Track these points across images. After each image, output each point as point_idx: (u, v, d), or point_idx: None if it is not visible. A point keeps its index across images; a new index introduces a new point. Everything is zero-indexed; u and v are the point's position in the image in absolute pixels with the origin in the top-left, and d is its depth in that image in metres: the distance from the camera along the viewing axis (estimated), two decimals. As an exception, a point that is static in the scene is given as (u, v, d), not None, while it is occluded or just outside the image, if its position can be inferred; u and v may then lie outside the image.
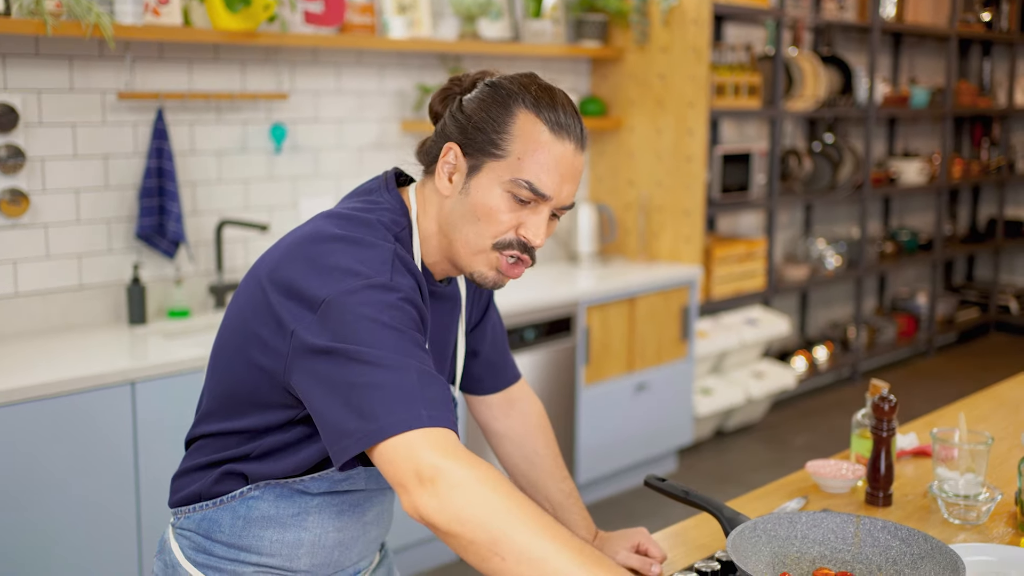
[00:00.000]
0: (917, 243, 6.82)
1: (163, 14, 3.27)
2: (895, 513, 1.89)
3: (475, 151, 1.44)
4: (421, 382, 1.29)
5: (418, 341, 1.34)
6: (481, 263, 1.47)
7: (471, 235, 1.45)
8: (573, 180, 1.46)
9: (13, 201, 3.10)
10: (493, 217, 1.43)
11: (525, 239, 1.45)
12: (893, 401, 1.88)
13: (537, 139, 1.42)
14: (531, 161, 1.41)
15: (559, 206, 1.46)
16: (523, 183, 1.42)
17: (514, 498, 1.22)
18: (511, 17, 4.49)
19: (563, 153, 1.43)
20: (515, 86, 1.46)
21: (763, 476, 4.62)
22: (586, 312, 4.13)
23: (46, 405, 2.68)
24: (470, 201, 1.44)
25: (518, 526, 1.20)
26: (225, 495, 1.52)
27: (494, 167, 1.43)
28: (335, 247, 1.38)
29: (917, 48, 6.96)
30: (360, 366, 1.28)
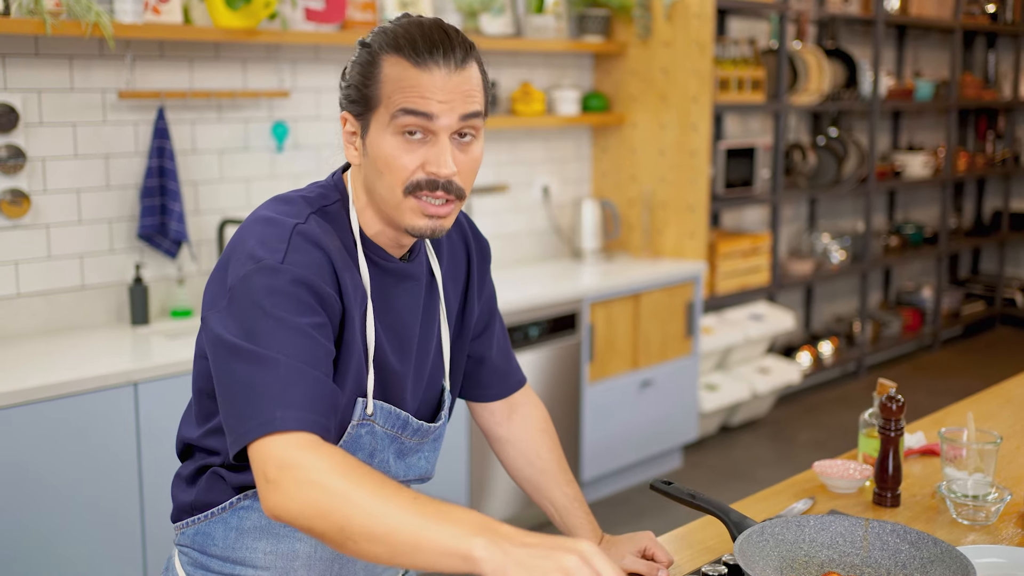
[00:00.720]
0: (922, 237, 6.79)
1: (163, 12, 3.26)
2: (903, 514, 1.87)
3: (360, 111, 1.42)
4: (285, 380, 1.28)
5: (300, 327, 1.31)
6: (406, 215, 1.42)
7: (384, 191, 1.42)
8: (460, 97, 1.39)
9: (14, 202, 3.09)
10: (393, 164, 1.39)
11: (432, 173, 1.39)
12: (901, 401, 1.87)
13: (402, 77, 1.37)
14: (402, 95, 1.37)
15: (456, 119, 1.39)
16: (399, 113, 1.37)
17: (352, 479, 1.20)
18: (513, 13, 4.47)
19: (434, 78, 1.37)
20: (377, 35, 1.42)
21: (769, 472, 4.61)
22: (590, 309, 4.12)
23: (49, 407, 2.67)
24: (370, 159, 1.42)
25: (356, 506, 1.18)
26: (215, 506, 1.50)
27: (377, 117, 1.40)
28: (250, 229, 1.40)
29: (921, 41, 6.93)
30: (238, 362, 1.30)
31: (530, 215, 4.69)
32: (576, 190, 4.91)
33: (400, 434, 1.52)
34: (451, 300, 1.64)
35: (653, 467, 4.60)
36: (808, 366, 5.69)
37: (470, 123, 1.41)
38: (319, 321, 1.34)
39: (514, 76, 4.51)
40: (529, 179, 4.67)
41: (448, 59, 1.38)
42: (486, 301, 1.72)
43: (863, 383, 6.09)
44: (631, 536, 1.68)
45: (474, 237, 1.69)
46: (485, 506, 3.82)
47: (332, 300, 1.38)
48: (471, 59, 1.41)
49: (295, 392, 1.28)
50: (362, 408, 1.45)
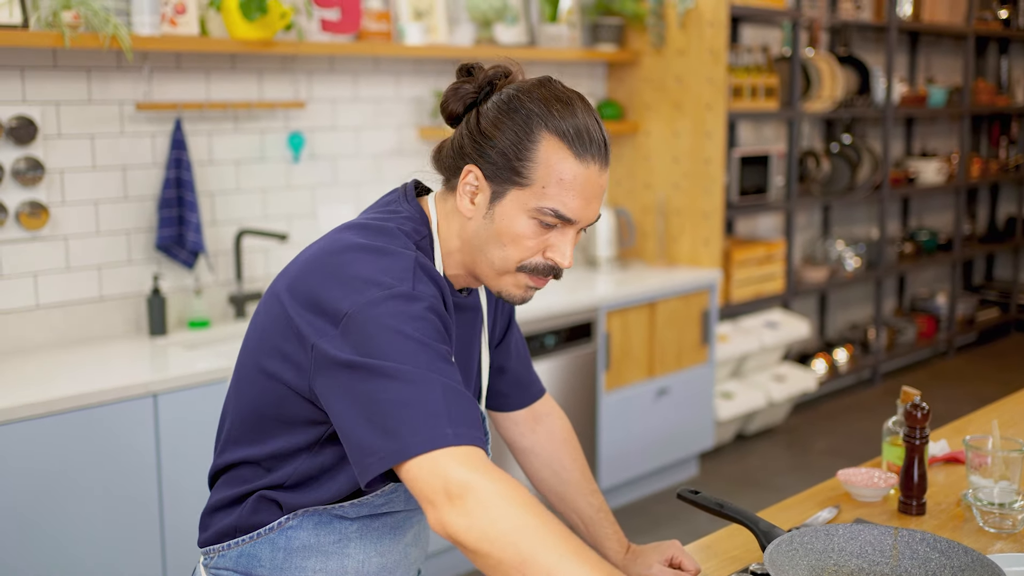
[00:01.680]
0: (936, 243, 6.77)
1: (180, 24, 3.27)
2: (928, 522, 1.86)
3: (497, 177, 1.41)
4: (447, 398, 1.26)
5: (443, 353, 1.31)
6: (507, 285, 1.45)
7: (496, 259, 1.43)
8: (598, 198, 1.43)
9: (33, 213, 3.10)
10: (519, 243, 1.41)
11: (554, 262, 1.43)
12: (926, 408, 1.86)
13: (561, 166, 1.38)
14: (556, 189, 1.38)
15: (584, 225, 1.44)
16: (548, 211, 1.39)
17: (543, 518, 1.21)
18: (527, 22, 4.48)
19: (588, 176, 1.39)
20: (535, 105, 1.40)
21: (785, 480, 4.60)
22: (606, 317, 4.11)
23: (68, 418, 2.67)
24: (495, 228, 1.42)
25: (547, 547, 1.18)
26: (263, 527, 1.49)
27: (518, 195, 1.40)
28: (355, 257, 1.36)
29: (934, 47, 6.92)
30: (383, 380, 1.26)
31: (545, 224, 4.69)
32: (590, 198, 4.90)
33: None
34: (491, 324, 1.65)
35: (669, 475, 4.59)
36: (823, 373, 5.68)
37: (592, 223, 1.46)
38: (449, 350, 1.34)
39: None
40: (543, 188, 4.66)
41: (601, 159, 1.41)
42: (506, 310, 1.72)
43: (878, 390, 6.07)
44: (658, 545, 1.68)
45: None
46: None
47: (449, 334, 1.39)
48: (609, 159, 1.44)
49: (459, 410, 1.27)
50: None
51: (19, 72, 3.07)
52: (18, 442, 2.59)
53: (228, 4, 3.32)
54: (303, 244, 3.65)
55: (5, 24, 2.91)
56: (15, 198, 3.07)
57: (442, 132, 4.29)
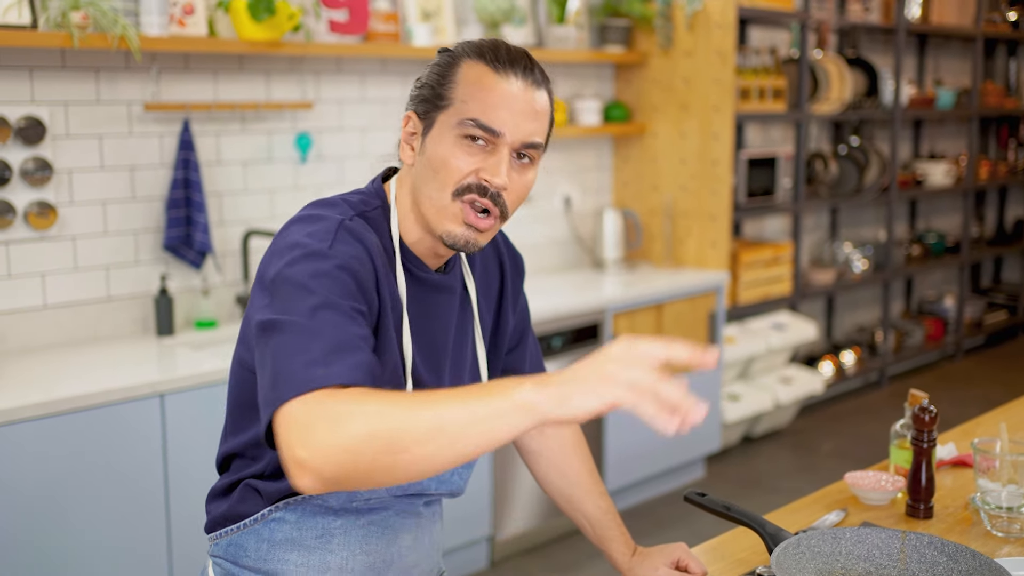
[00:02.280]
0: (944, 245, 6.76)
1: (188, 25, 3.28)
2: (936, 526, 1.86)
3: (427, 109, 1.44)
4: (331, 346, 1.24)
5: (343, 309, 1.29)
6: (447, 219, 1.42)
7: (433, 191, 1.42)
8: (531, 116, 1.41)
9: (41, 214, 3.10)
10: (449, 164, 1.40)
11: (485, 180, 1.40)
12: (934, 412, 1.85)
13: (480, 80, 1.40)
14: (476, 101, 1.39)
15: (519, 142, 1.41)
16: (469, 122, 1.39)
17: (381, 398, 1.16)
18: (535, 23, 4.47)
19: (510, 89, 1.40)
20: (461, 43, 1.47)
21: (791, 482, 4.59)
22: (613, 319, 4.11)
23: (75, 418, 2.68)
24: (427, 157, 1.43)
25: (397, 417, 1.13)
26: (248, 517, 1.51)
27: (444, 118, 1.42)
28: (291, 228, 1.40)
29: (942, 49, 6.91)
30: (278, 335, 1.26)
31: (551, 225, 4.69)
32: (597, 200, 4.90)
33: None
34: (484, 315, 1.64)
35: (676, 478, 4.59)
36: (830, 376, 5.66)
37: (529, 151, 1.43)
38: (362, 308, 1.33)
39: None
40: (550, 189, 4.67)
41: (527, 75, 1.42)
42: (520, 315, 1.72)
43: (886, 393, 6.05)
44: (664, 547, 1.68)
45: (508, 252, 1.70)
46: (507, 518, 3.81)
47: (372, 296, 1.37)
48: (545, 87, 1.44)
49: (342, 357, 1.24)
50: None
51: (28, 72, 3.07)
52: (26, 442, 2.60)
53: (236, 5, 3.33)
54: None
55: (14, 24, 2.92)
56: (23, 198, 3.08)
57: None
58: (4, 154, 3.03)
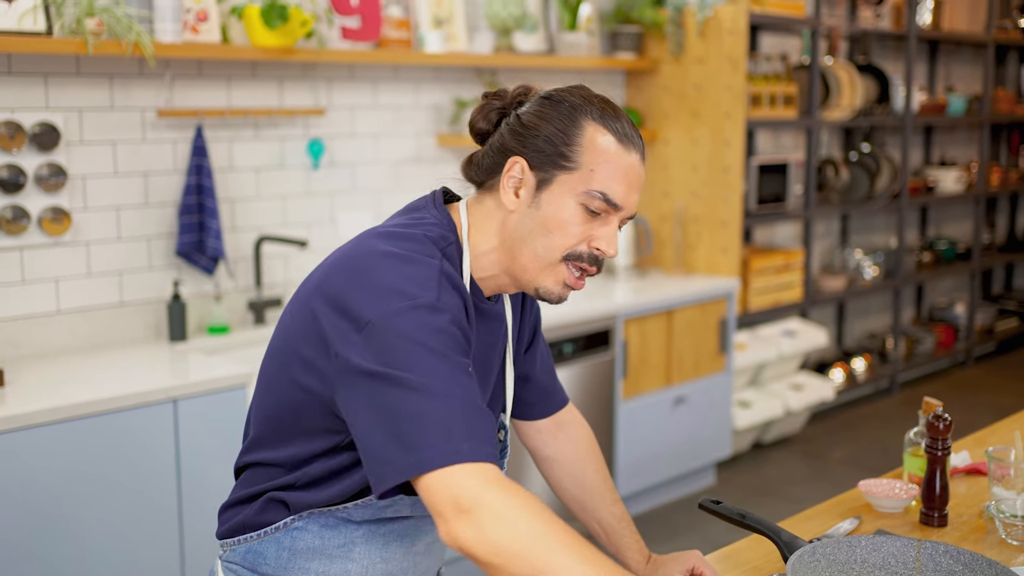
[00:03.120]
0: (955, 252, 6.74)
1: (202, 31, 3.29)
2: (950, 534, 1.86)
3: (544, 164, 1.43)
4: (465, 413, 1.27)
5: (464, 367, 1.31)
6: (548, 277, 1.45)
7: (541, 248, 1.43)
8: (638, 189, 1.46)
9: (55, 219, 3.12)
10: (565, 230, 1.42)
11: (599, 251, 1.44)
12: (948, 420, 1.85)
13: (607, 150, 1.42)
14: (603, 172, 1.41)
15: (627, 216, 1.46)
16: (597, 194, 1.41)
17: (554, 526, 1.21)
18: (546, 30, 4.48)
19: (631, 163, 1.43)
20: (576, 98, 1.45)
21: (802, 489, 4.58)
22: (624, 326, 4.11)
23: (88, 423, 2.69)
24: (541, 215, 1.43)
25: (560, 557, 1.18)
26: (269, 526, 1.50)
27: (566, 180, 1.42)
28: (380, 263, 1.36)
29: (953, 56, 6.90)
30: (404, 392, 1.26)
31: (562, 231, 4.69)
32: (608, 206, 4.90)
33: None
34: (525, 332, 1.65)
35: (686, 484, 4.58)
36: (841, 383, 5.66)
37: (630, 219, 1.49)
38: (468, 363, 1.34)
39: (547, 93, 4.51)
40: (561, 195, 4.67)
41: (640, 148, 1.46)
42: (532, 319, 1.72)
43: (896, 400, 6.04)
44: (678, 555, 1.68)
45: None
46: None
47: (470, 345, 1.38)
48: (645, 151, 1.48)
49: (476, 426, 1.27)
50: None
51: (43, 79, 3.09)
52: (39, 447, 2.61)
53: (250, 12, 3.34)
54: (322, 251, 3.66)
55: (29, 31, 2.94)
56: (38, 204, 3.10)
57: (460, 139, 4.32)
58: (19, 160, 3.05)
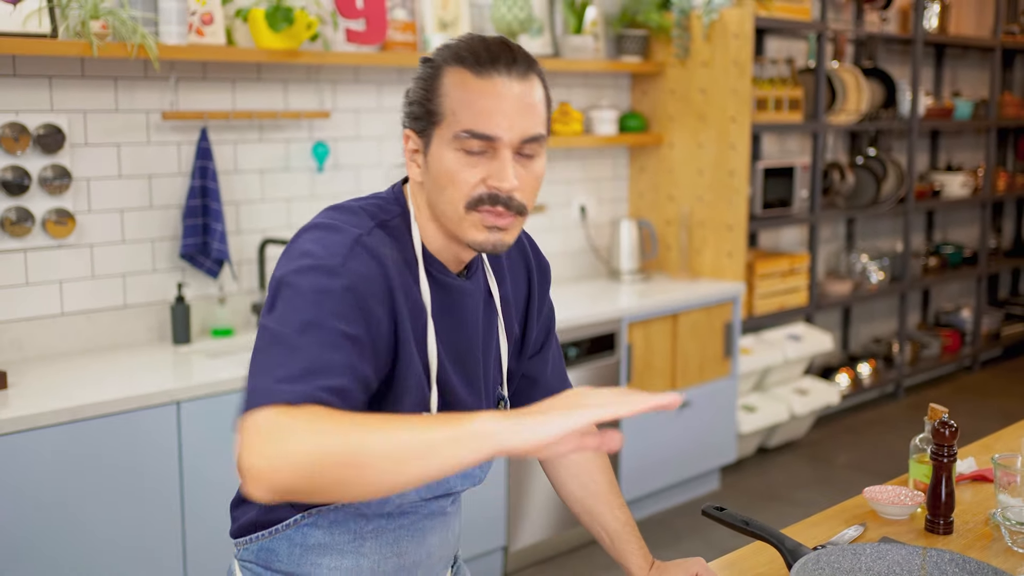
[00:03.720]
0: (961, 257, 6.72)
1: (207, 34, 3.29)
2: (956, 541, 1.84)
3: (421, 127, 1.42)
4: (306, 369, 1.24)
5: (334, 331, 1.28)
6: (468, 229, 1.41)
7: (445, 206, 1.41)
8: (524, 111, 1.38)
9: (59, 221, 3.12)
10: (455, 180, 1.39)
11: (494, 188, 1.38)
12: (954, 426, 1.84)
13: (464, 87, 1.38)
14: (464, 111, 1.37)
15: (518, 141, 1.39)
16: (463, 134, 1.37)
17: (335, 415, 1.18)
18: (551, 33, 4.48)
19: (497, 90, 1.37)
20: (440, 50, 1.43)
21: (807, 494, 4.57)
22: (628, 329, 4.10)
23: (91, 425, 2.69)
24: (432, 175, 1.41)
25: (352, 435, 1.14)
26: (279, 523, 1.51)
27: (439, 133, 1.39)
28: (308, 234, 1.39)
29: (960, 60, 6.88)
30: (266, 345, 1.27)
31: (567, 235, 4.69)
32: (613, 210, 4.90)
33: None
34: (511, 318, 1.63)
35: (691, 489, 4.57)
36: (846, 387, 5.64)
37: (531, 146, 1.41)
38: (355, 333, 1.31)
39: (552, 96, 4.50)
40: (567, 199, 4.67)
41: (511, 69, 1.38)
42: (544, 321, 1.72)
43: (902, 405, 6.02)
44: (682, 562, 1.67)
45: (535, 257, 1.69)
46: (522, 530, 3.80)
47: (378, 321, 1.36)
48: (533, 73, 1.41)
49: (314, 379, 1.24)
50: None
51: (47, 81, 3.09)
52: (42, 449, 2.61)
53: (255, 14, 3.34)
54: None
55: (34, 33, 2.94)
56: (42, 206, 3.09)
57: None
58: (23, 162, 3.05)
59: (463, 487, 1.58)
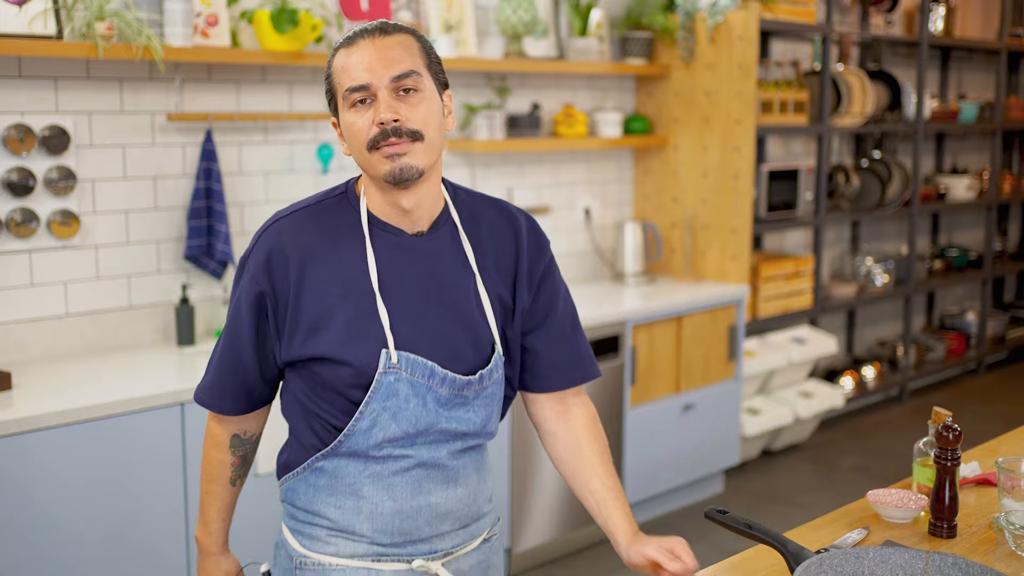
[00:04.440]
0: (966, 260, 6.71)
1: (212, 36, 3.29)
2: (959, 545, 1.84)
3: (333, 108, 1.67)
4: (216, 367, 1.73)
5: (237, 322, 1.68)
6: (376, 166, 1.61)
7: (358, 157, 1.63)
8: (387, 59, 1.59)
9: (64, 222, 3.12)
10: (352, 129, 1.61)
11: (379, 124, 1.58)
12: (958, 430, 1.84)
13: (339, 63, 1.62)
14: (343, 80, 1.61)
15: (388, 80, 1.58)
16: (346, 92, 1.60)
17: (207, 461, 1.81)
18: (556, 35, 4.48)
19: (360, 53, 1.60)
20: (337, 43, 1.66)
21: (811, 497, 4.56)
22: (632, 332, 4.10)
23: (96, 426, 2.69)
24: (347, 140, 1.65)
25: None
26: (298, 466, 1.72)
27: (340, 106, 1.63)
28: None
29: (966, 63, 6.87)
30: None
31: (572, 237, 4.69)
32: (618, 212, 4.90)
33: (431, 383, 1.64)
34: (493, 282, 1.73)
35: (695, 491, 4.56)
36: (851, 390, 5.63)
37: (406, 82, 1.59)
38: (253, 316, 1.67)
39: (557, 98, 4.51)
40: (571, 201, 4.67)
41: (372, 35, 1.61)
42: (546, 298, 1.78)
43: (907, 408, 6.01)
44: (664, 537, 1.66)
45: (529, 231, 1.78)
46: (525, 530, 3.80)
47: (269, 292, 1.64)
48: (398, 31, 1.63)
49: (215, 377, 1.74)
50: (386, 358, 1.61)
51: (53, 82, 3.09)
52: (47, 449, 2.61)
53: (260, 16, 3.35)
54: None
55: (40, 35, 2.94)
56: (47, 207, 3.10)
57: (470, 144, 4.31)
58: (28, 163, 3.05)
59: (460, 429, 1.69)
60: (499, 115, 4.12)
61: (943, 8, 6.19)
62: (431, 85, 1.62)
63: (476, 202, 1.77)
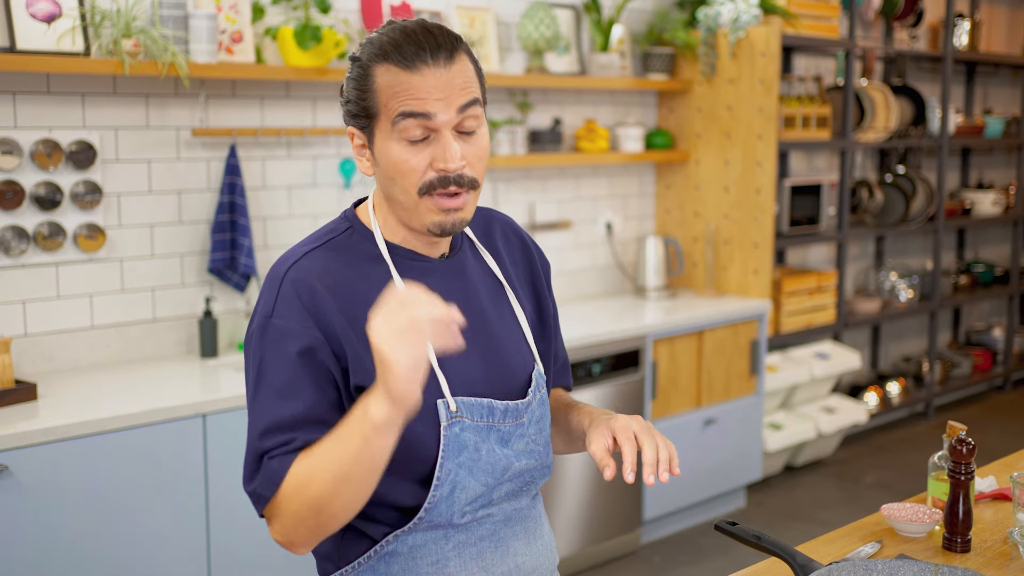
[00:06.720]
0: (993, 275, 6.67)
1: (236, 52, 3.34)
2: (973, 560, 1.84)
3: (361, 124, 1.47)
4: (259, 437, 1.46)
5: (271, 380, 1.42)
6: (424, 214, 1.45)
7: (399, 195, 1.45)
8: (455, 90, 1.42)
9: (90, 236, 3.17)
10: (403, 169, 1.43)
11: (442, 170, 1.42)
12: (972, 444, 1.84)
13: (393, 81, 1.41)
14: (398, 102, 1.41)
15: (455, 113, 1.42)
16: (398, 118, 1.41)
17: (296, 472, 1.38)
18: (578, 51, 4.50)
19: (425, 80, 1.41)
20: (365, 47, 1.46)
21: (833, 514, 4.54)
22: (653, 346, 4.10)
23: (119, 437, 2.72)
24: (383, 168, 1.46)
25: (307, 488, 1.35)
26: (361, 555, 1.51)
27: (379, 127, 1.44)
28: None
29: (991, 78, 6.84)
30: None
31: (593, 251, 4.70)
32: (640, 227, 4.91)
33: (492, 421, 1.50)
34: (521, 292, 1.64)
35: (716, 506, 4.55)
36: (875, 406, 5.60)
37: (469, 113, 1.44)
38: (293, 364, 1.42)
39: (579, 114, 4.53)
40: (593, 215, 4.68)
41: (436, 57, 1.41)
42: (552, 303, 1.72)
43: (932, 424, 5.97)
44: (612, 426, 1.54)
45: (533, 244, 1.72)
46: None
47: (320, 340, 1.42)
48: (459, 52, 1.44)
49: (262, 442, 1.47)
50: (445, 408, 1.46)
51: (80, 98, 3.15)
52: (70, 460, 2.65)
53: (284, 33, 3.39)
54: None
55: (68, 52, 3.00)
56: (73, 221, 3.15)
57: (493, 160, 4.31)
58: (55, 178, 3.10)
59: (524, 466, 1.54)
60: (521, 130, 4.14)
61: (968, 23, 6.18)
62: (482, 112, 1.48)
63: (479, 214, 1.67)
